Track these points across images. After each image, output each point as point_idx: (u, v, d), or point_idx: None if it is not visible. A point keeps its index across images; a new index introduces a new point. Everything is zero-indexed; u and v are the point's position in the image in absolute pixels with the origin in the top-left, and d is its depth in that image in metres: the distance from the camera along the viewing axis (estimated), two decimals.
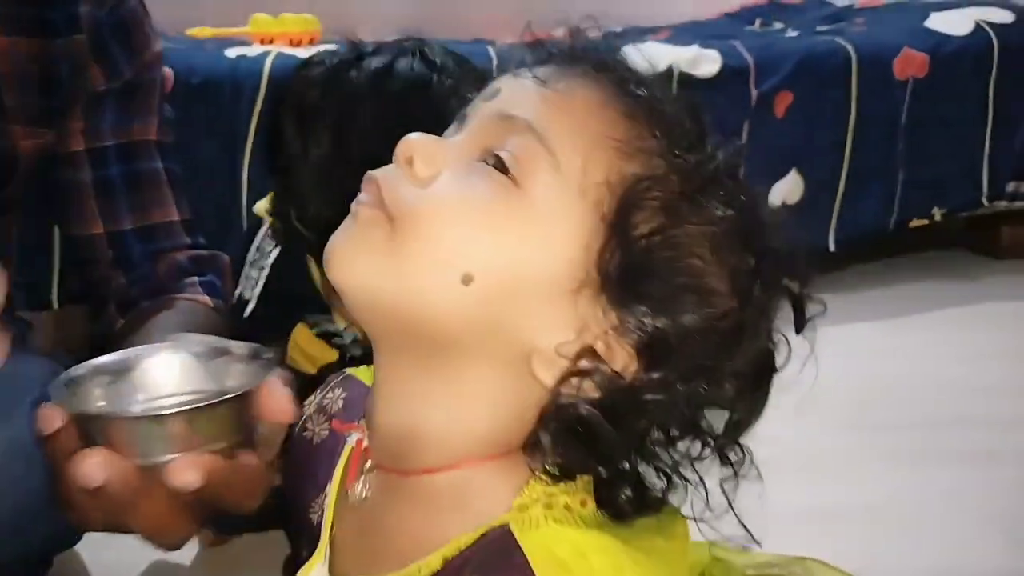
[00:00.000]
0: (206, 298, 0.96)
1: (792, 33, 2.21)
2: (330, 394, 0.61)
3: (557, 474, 0.48)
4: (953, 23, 2.02)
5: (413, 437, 0.50)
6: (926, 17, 2.06)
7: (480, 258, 0.47)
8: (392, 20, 2.17)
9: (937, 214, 2.01)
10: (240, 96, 1.62)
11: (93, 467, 0.53)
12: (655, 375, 0.47)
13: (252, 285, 1.12)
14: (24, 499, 0.86)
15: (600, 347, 0.47)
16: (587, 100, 0.49)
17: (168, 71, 1.59)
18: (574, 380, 0.47)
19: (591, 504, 0.48)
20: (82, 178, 0.96)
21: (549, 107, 0.49)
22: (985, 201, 2.03)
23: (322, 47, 1.76)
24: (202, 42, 1.79)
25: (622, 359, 0.47)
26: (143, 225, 0.99)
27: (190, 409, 0.57)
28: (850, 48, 1.92)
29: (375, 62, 0.98)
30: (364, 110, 0.94)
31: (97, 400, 0.60)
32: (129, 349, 0.64)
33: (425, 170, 0.49)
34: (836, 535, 1.14)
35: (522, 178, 0.48)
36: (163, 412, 0.57)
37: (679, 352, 0.47)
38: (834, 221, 1.95)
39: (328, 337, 1.16)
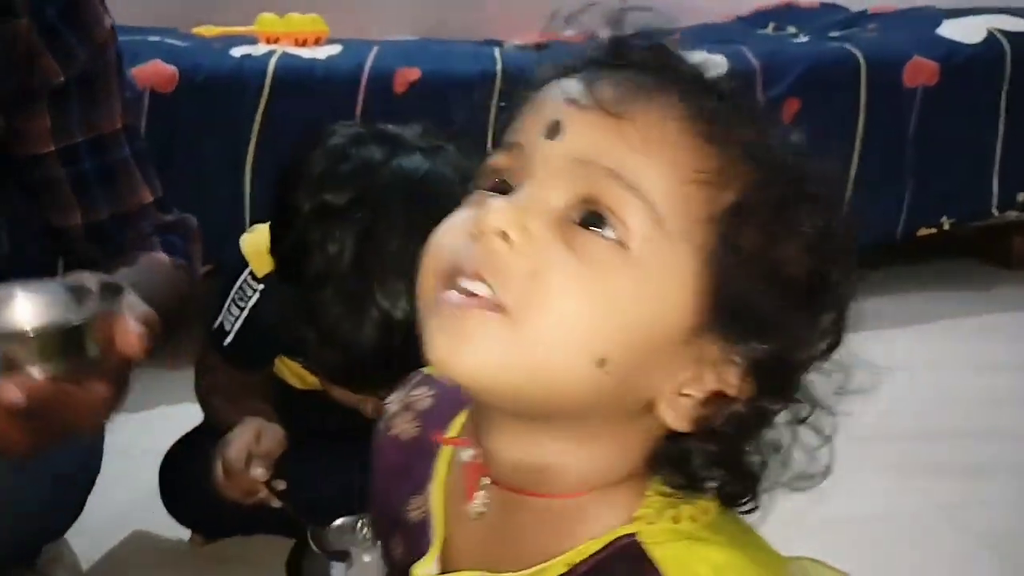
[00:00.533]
0: (163, 255, 1.00)
1: (803, 39, 2.19)
2: (415, 392, 0.61)
3: (681, 487, 0.48)
4: (965, 31, 2.00)
5: (537, 472, 0.50)
6: (938, 24, 2.04)
7: (610, 338, 0.45)
8: (399, 21, 2.18)
9: (946, 223, 1.99)
10: (244, 95, 1.62)
11: None
12: (773, 395, 0.47)
13: (232, 320, 1.13)
14: (10, 496, 0.90)
15: (715, 378, 0.47)
16: (668, 130, 0.46)
17: (173, 68, 1.60)
18: (698, 415, 0.47)
19: (712, 511, 0.49)
20: (57, 175, 0.98)
21: (630, 146, 0.45)
22: (995, 211, 2.00)
23: (328, 47, 1.78)
24: (208, 41, 1.80)
25: (736, 384, 0.47)
26: (119, 212, 1.02)
27: (25, 334, 0.67)
28: (859, 55, 1.91)
29: (406, 163, 0.92)
30: (396, 217, 0.86)
31: None
32: None
33: (524, 243, 0.45)
34: (827, 546, 1.13)
35: (626, 238, 0.45)
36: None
37: (792, 368, 0.47)
38: None
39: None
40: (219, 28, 1.83)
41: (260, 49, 1.70)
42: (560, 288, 0.45)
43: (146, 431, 1.25)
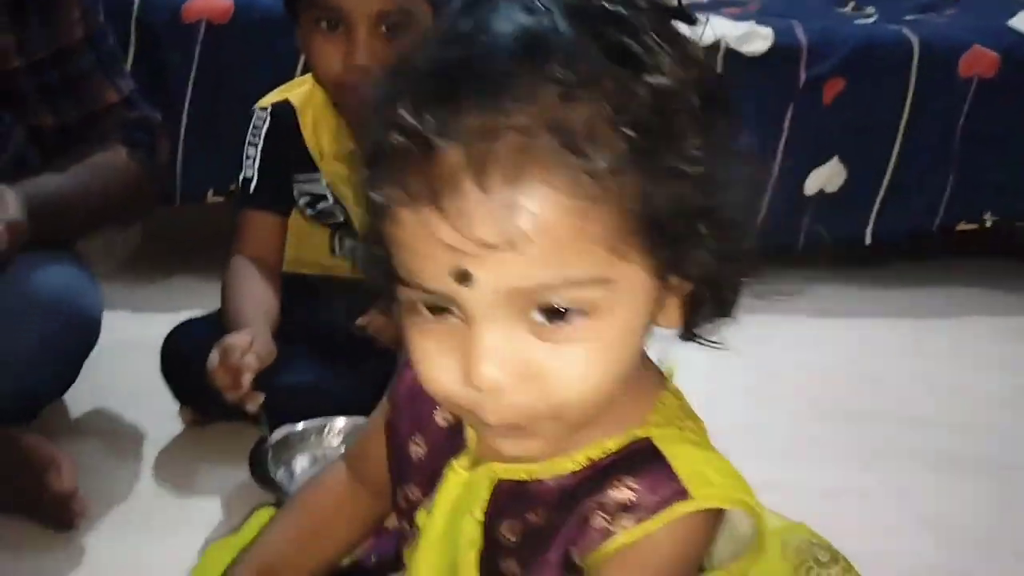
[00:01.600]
0: (120, 149, 1.19)
1: (871, 19, 2.15)
2: None
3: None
4: None
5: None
6: (1013, 15, 1.98)
7: (625, 361, 0.53)
8: None
9: (988, 220, 1.95)
10: (294, 31, 1.72)
11: None
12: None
13: (251, 162, 1.29)
14: (25, 352, 1.05)
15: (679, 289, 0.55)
16: (565, 214, 0.47)
17: (229, 2, 1.71)
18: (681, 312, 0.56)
19: (706, 431, 0.59)
20: (26, 86, 1.13)
21: (544, 260, 0.47)
22: None
23: None
24: None
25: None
26: (87, 114, 1.18)
27: None
28: (914, 40, 1.87)
29: None
30: None
31: None
32: None
33: (526, 373, 0.51)
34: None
35: (588, 308, 0.50)
36: None
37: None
38: (874, 215, 1.91)
39: (318, 215, 1.31)
40: None
41: None
42: (574, 377, 0.51)
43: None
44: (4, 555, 1.04)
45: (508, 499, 0.60)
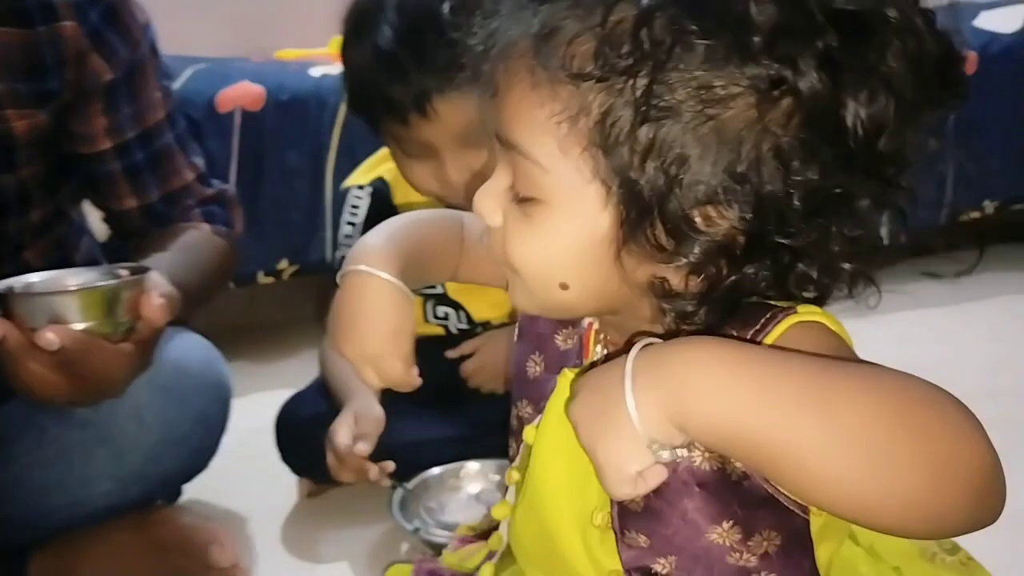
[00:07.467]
0: (203, 225, 1.18)
1: None
2: None
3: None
4: (1002, 21, 2.08)
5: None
6: (975, 16, 2.12)
7: (564, 271, 0.59)
8: None
9: (989, 207, 2.06)
10: (324, 110, 1.78)
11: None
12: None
13: (350, 241, 1.28)
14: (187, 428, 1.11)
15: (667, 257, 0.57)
16: (521, 94, 0.56)
17: (260, 88, 1.77)
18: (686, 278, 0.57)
19: None
20: (113, 168, 1.13)
21: (509, 118, 0.58)
22: None
23: None
24: (288, 63, 1.96)
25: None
26: (166, 193, 1.18)
27: (68, 292, 0.86)
28: None
29: None
30: None
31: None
32: (49, 272, 0.92)
33: (498, 228, 0.62)
34: None
35: (543, 198, 0.58)
36: (51, 292, 0.87)
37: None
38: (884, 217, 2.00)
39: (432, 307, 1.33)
40: (297, 51, 2.00)
41: (336, 68, 1.85)
42: (520, 255, 0.60)
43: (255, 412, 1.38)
44: None
45: None
